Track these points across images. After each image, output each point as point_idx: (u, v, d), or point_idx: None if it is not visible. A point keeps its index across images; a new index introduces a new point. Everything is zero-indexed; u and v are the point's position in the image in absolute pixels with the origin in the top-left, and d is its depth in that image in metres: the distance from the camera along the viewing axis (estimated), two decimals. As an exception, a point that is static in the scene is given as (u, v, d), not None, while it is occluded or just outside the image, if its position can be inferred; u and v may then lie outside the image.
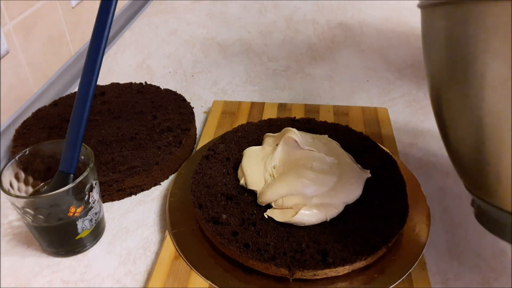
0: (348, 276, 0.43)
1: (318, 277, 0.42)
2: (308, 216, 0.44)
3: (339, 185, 0.47)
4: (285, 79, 0.79)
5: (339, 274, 0.43)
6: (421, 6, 0.37)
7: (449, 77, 0.34)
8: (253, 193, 0.49)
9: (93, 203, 0.46)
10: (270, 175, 0.49)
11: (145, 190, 0.56)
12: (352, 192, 0.47)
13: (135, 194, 0.55)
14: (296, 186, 0.46)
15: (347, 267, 0.42)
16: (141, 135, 0.59)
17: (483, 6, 0.28)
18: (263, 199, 0.47)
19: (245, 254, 0.42)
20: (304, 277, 0.42)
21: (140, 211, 0.53)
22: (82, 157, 0.47)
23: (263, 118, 0.65)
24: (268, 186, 0.47)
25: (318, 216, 0.45)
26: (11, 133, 0.61)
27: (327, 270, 0.41)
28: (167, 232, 0.48)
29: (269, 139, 0.54)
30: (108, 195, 0.54)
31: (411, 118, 0.67)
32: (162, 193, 0.55)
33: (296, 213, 0.44)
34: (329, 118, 0.65)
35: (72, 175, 0.45)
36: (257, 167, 0.50)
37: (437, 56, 0.35)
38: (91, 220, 0.47)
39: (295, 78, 0.79)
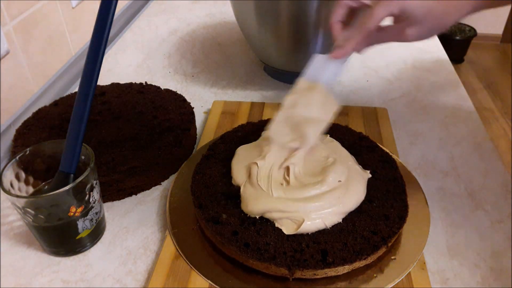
0: (348, 276, 0.43)
1: (318, 277, 0.42)
2: (309, 226, 0.44)
3: (342, 199, 0.46)
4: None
5: (339, 273, 0.43)
6: None
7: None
8: (253, 193, 0.49)
9: (94, 203, 0.46)
10: (282, 182, 0.48)
11: (145, 190, 0.56)
12: (354, 203, 0.47)
13: (135, 194, 0.55)
14: (298, 206, 0.45)
15: (346, 266, 0.42)
16: (141, 135, 0.59)
17: None
18: (258, 210, 0.46)
19: (245, 254, 0.42)
20: (304, 277, 0.42)
21: (140, 211, 0.53)
22: (83, 157, 0.47)
23: (263, 118, 0.65)
24: (271, 198, 0.46)
25: (318, 225, 0.45)
26: (12, 133, 0.61)
27: (327, 270, 0.42)
28: (167, 231, 0.48)
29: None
30: (109, 195, 0.54)
31: (411, 118, 0.68)
32: (162, 193, 0.56)
33: (299, 226, 0.44)
34: (329, 118, 0.65)
35: (72, 175, 0.45)
36: (245, 164, 0.50)
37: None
38: (91, 220, 0.47)
39: (295, 78, 0.79)
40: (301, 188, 0.47)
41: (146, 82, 0.71)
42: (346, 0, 0.50)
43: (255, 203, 0.46)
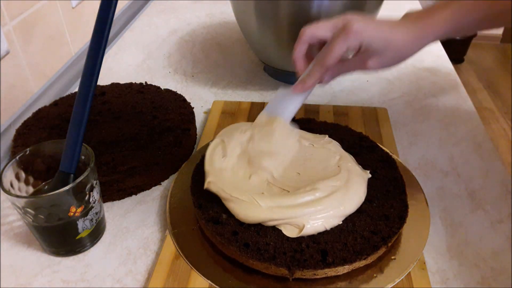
0: (348, 276, 0.43)
1: (318, 277, 0.42)
2: (309, 229, 0.44)
3: (343, 201, 0.46)
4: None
5: (338, 273, 0.43)
6: None
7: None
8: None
9: (94, 203, 0.46)
10: (263, 191, 0.47)
11: (145, 190, 0.56)
12: (355, 205, 0.47)
13: (136, 194, 0.55)
14: (295, 212, 0.45)
15: (346, 266, 0.42)
16: (141, 135, 0.59)
17: None
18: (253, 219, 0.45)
19: (245, 254, 0.42)
20: (304, 277, 0.42)
21: (140, 211, 0.53)
22: (83, 157, 0.47)
23: (263, 118, 0.65)
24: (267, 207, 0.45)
25: (318, 228, 0.44)
26: (12, 133, 0.61)
27: (327, 270, 0.42)
28: (167, 231, 0.48)
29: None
30: (109, 195, 0.54)
31: (411, 118, 0.68)
32: (162, 193, 0.56)
33: (301, 231, 0.44)
34: (329, 118, 0.65)
35: (72, 175, 0.45)
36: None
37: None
38: (91, 220, 0.47)
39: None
40: (292, 195, 0.46)
41: (146, 82, 0.71)
42: (305, 37, 0.51)
43: (244, 214, 0.45)
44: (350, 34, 0.47)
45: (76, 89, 0.68)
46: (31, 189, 0.48)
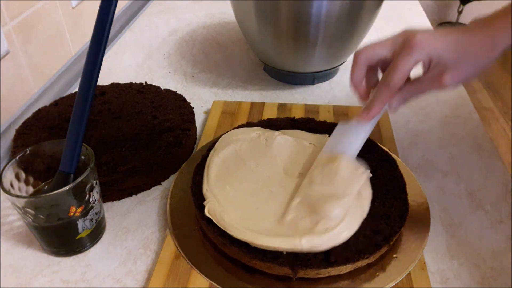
0: (351, 275, 0.43)
1: (320, 276, 0.42)
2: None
3: (352, 223, 0.44)
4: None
5: (341, 272, 0.43)
6: None
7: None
8: (253, 193, 0.49)
9: (94, 203, 0.46)
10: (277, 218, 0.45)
11: (145, 190, 0.56)
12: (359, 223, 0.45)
13: (135, 194, 0.55)
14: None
15: (349, 266, 0.42)
16: (141, 135, 0.59)
17: None
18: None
19: (247, 254, 0.42)
20: (307, 276, 0.42)
21: (140, 211, 0.53)
22: (83, 157, 0.47)
23: (263, 118, 0.65)
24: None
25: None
26: (12, 133, 0.61)
27: (330, 269, 0.42)
28: (167, 231, 0.48)
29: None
30: (109, 195, 0.54)
31: (411, 118, 0.67)
32: (163, 193, 0.56)
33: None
34: (329, 118, 0.65)
35: (72, 175, 0.45)
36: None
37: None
38: (91, 220, 0.47)
39: (295, 78, 0.79)
40: (307, 224, 0.44)
41: (146, 82, 0.71)
42: (361, 59, 0.45)
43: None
44: (415, 47, 0.42)
45: (76, 89, 0.68)
46: (31, 189, 0.48)
